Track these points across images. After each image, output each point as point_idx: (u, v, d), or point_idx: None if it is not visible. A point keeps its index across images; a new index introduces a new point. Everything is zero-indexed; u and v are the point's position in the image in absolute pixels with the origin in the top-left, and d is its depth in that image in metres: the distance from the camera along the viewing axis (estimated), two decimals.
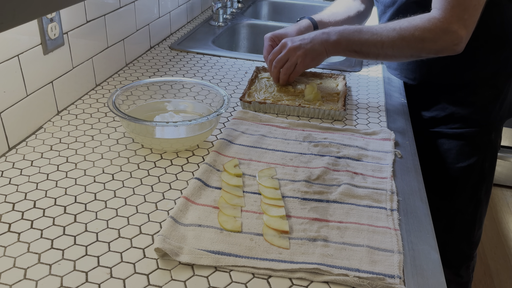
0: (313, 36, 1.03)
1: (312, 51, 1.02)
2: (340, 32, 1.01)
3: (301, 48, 1.03)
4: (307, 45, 1.03)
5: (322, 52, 1.03)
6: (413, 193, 0.80)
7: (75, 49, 1.01)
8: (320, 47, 1.02)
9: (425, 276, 0.62)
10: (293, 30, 1.22)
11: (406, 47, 0.97)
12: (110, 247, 0.63)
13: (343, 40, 1.00)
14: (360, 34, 0.99)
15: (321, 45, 1.02)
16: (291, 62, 1.04)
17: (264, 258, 0.62)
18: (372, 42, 0.98)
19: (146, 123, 0.82)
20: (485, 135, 1.17)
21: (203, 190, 0.75)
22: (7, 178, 0.76)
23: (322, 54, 1.03)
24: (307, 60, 1.04)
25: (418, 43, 0.96)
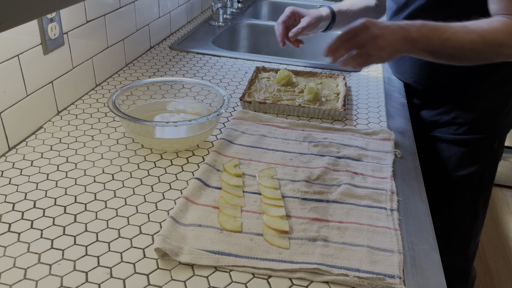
0: (393, 28, 0.88)
1: (390, 46, 0.87)
2: (419, 28, 0.88)
3: (383, 38, 0.86)
4: (388, 37, 0.87)
5: (397, 50, 0.89)
6: (413, 193, 0.79)
7: (75, 49, 1.01)
8: (397, 44, 0.88)
9: (425, 276, 0.62)
10: (314, 15, 1.19)
11: (485, 51, 0.89)
12: (110, 247, 0.63)
13: (422, 38, 0.88)
14: (439, 32, 0.88)
15: (399, 42, 0.88)
16: (367, 50, 0.87)
17: (264, 258, 0.62)
18: (452, 42, 0.87)
19: (146, 123, 0.82)
20: (488, 144, 1.13)
21: (203, 190, 0.75)
22: (7, 178, 0.76)
23: (396, 52, 0.89)
24: (384, 54, 0.88)
25: (498, 47, 0.89)
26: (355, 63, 0.89)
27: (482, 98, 1.10)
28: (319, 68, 1.31)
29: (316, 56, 1.70)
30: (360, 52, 0.88)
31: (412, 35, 0.87)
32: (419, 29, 0.88)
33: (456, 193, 1.17)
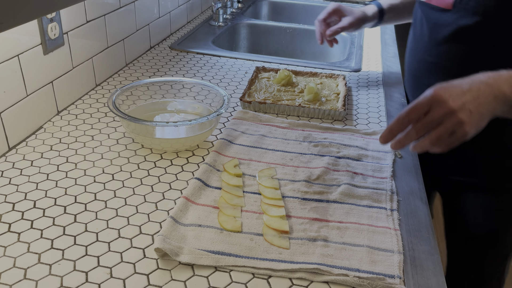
0: (476, 88, 0.67)
1: (479, 114, 0.66)
2: (509, 80, 0.68)
3: (465, 109, 0.65)
4: (472, 105, 0.66)
5: (487, 116, 0.68)
6: (413, 193, 0.79)
7: (75, 49, 1.01)
8: (487, 109, 0.67)
9: (425, 276, 0.62)
10: (357, 16, 1.14)
11: None
12: (110, 247, 0.63)
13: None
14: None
15: (489, 105, 0.67)
16: (446, 129, 0.66)
17: (264, 258, 0.62)
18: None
19: (146, 123, 0.82)
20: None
21: (203, 190, 0.75)
22: (7, 178, 0.76)
23: (486, 119, 0.68)
24: (471, 128, 0.66)
25: None
26: (436, 148, 0.68)
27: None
28: (319, 68, 1.31)
29: (316, 56, 1.71)
30: (437, 133, 0.66)
31: (504, 91, 0.67)
32: (509, 82, 0.68)
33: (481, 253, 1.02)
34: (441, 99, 0.66)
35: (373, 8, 1.17)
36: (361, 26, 1.16)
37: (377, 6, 1.17)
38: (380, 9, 1.17)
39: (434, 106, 0.66)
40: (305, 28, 1.71)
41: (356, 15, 1.14)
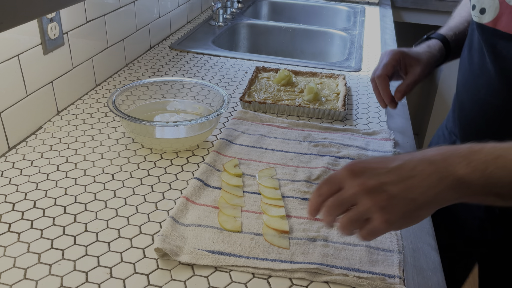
0: (413, 165, 0.51)
1: (406, 200, 0.50)
2: (466, 158, 0.49)
3: (382, 191, 0.50)
4: (396, 187, 0.50)
5: (428, 202, 0.50)
6: None
7: (75, 49, 1.01)
8: (428, 192, 0.49)
9: (425, 276, 0.62)
10: (425, 61, 0.85)
11: None
12: (110, 247, 0.63)
13: (476, 174, 0.48)
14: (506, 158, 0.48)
15: (430, 188, 0.49)
16: (358, 213, 0.51)
17: (264, 258, 0.62)
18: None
19: (146, 123, 0.82)
20: None
21: (203, 190, 0.75)
22: (7, 178, 0.76)
23: (427, 206, 0.50)
24: (391, 217, 0.50)
25: None
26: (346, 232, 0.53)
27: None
28: (319, 68, 1.31)
29: (316, 56, 1.71)
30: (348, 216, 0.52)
31: (455, 171, 0.49)
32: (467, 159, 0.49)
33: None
34: (354, 175, 0.52)
35: (435, 42, 0.89)
36: (432, 72, 0.87)
37: (440, 40, 0.89)
38: (444, 41, 0.89)
39: (347, 183, 0.52)
40: (305, 28, 1.71)
41: (424, 60, 0.84)
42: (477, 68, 0.79)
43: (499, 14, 0.73)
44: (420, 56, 0.84)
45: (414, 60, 0.83)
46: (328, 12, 2.02)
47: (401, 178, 0.50)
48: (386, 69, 0.82)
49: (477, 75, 0.79)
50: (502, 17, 0.72)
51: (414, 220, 0.51)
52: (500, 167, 0.48)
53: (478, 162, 0.48)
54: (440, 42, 0.88)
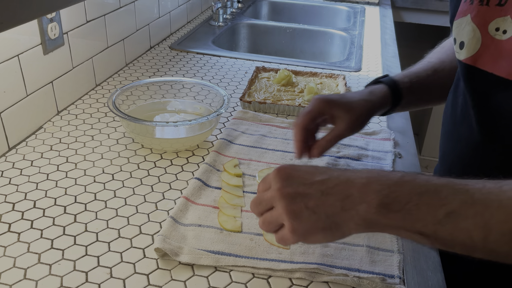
0: (330, 184, 0.49)
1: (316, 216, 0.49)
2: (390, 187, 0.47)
3: (295, 202, 0.49)
4: (311, 200, 0.49)
5: (339, 227, 0.49)
6: None
7: (75, 49, 1.01)
8: (340, 215, 0.48)
9: (425, 276, 0.62)
10: (358, 112, 0.70)
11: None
12: (110, 247, 0.63)
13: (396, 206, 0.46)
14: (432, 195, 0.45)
15: (344, 212, 0.48)
16: (272, 217, 0.52)
17: (264, 258, 0.62)
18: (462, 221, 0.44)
19: (146, 123, 0.82)
20: None
21: (203, 190, 0.75)
22: (7, 178, 0.76)
23: (335, 231, 0.49)
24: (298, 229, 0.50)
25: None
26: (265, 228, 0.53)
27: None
28: (319, 68, 1.31)
29: (316, 56, 1.71)
30: (264, 217, 0.53)
31: (370, 199, 0.46)
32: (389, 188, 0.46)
33: None
34: (279, 179, 0.51)
35: (382, 90, 0.75)
36: (367, 123, 0.73)
37: (389, 86, 0.75)
38: (394, 88, 0.75)
39: (272, 184, 0.51)
40: (305, 28, 1.71)
41: (356, 111, 0.69)
42: (460, 115, 0.69)
43: (480, 50, 0.62)
44: (352, 106, 0.69)
45: (342, 111, 0.68)
46: (328, 12, 2.02)
47: (319, 193, 0.49)
48: (304, 120, 0.68)
49: (459, 123, 0.69)
50: (484, 52, 0.61)
51: (328, 237, 0.50)
52: (425, 204, 0.45)
53: (401, 193, 0.46)
54: (387, 88, 0.74)
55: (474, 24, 0.62)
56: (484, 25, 0.61)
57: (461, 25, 0.65)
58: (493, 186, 0.44)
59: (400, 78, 0.76)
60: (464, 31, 0.64)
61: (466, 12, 0.64)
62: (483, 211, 0.43)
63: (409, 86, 0.75)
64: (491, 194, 0.44)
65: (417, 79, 0.77)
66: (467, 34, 0.63)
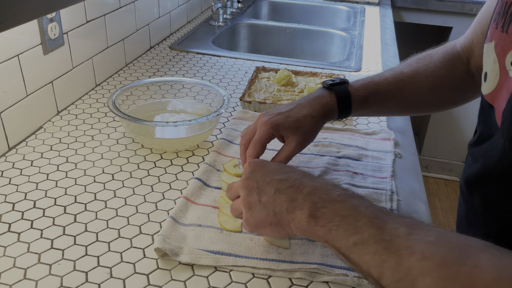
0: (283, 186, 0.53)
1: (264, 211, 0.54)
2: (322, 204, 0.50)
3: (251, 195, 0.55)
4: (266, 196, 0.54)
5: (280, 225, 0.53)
6: (413, 193, 0.79)
7: (75, 49, 1.01)
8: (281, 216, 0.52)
9: None
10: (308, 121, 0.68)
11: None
12: (110, 247, 0.63)
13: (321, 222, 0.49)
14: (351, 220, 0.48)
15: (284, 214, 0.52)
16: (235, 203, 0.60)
17: (264, 258, 0.62)
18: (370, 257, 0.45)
19: (146, 123, 0.82)
20: None
21: (203, 190, 0.75)
22: (7, 178, 0.76)
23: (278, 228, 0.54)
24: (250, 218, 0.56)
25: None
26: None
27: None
28: (319, 68, 1.31)
29: (316, 56, 1.71)
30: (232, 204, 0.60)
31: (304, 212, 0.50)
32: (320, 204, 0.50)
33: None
34: (249, 170, 0.57)
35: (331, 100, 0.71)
36: (315, 136, 0.71)
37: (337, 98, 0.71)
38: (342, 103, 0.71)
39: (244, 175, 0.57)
40: (305, 28, 1.71)
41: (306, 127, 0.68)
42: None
43: (497, 86, 0.55)
44: (299, 125, 0.67)
45: (290, 131, 0.67)
46: (328, 12, 2.02)
47: (273, 190, 0.53)
48: (256, 149, 0.66)
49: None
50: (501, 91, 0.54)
51: (276, 232, 0.54)
52: (343, 227, 0.47)
53: (328, 211, 0.49)
54: (336, 100, 0.71)
55: (495, 54, 0.55)
56: (502, 56, 0.54)
57: (488, 52, 0.57)
58: (404, 231, 0.44)
59: (355, 89, 0.72)
60: (489, 61, 0.57)
61: (492, 37, 0.56)
62: (382, 253, 0.43)
63: (363, 100, 0.72)
64: (397, 238, 0.44)
65: (376, 92, 0.73)
66: (489, 64, 0.57)
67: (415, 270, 0.41)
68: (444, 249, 0.41)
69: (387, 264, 0.43)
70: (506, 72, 0.53)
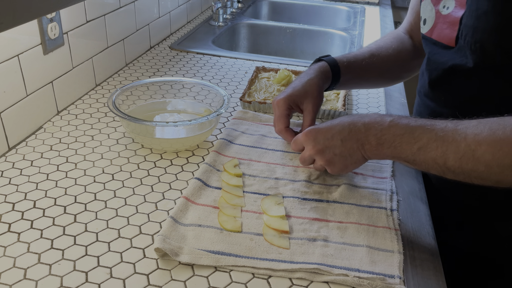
0: (345, 133, 0.70)
1: (343, 157, 0.71)
2: (382, 131, 0.67)
3: (326, 153, 0.72)
4: (336, 149, 0.71)
5: (359, 158, 0.71)
6: (413, 193, 0.79)
7: (75, 49, 1.01)
8: (357, 153, 0.70)
9: (425, 276, 0.62)
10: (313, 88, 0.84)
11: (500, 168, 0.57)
12: (110, 247, 0.63)
13: (386, 145, 0.66)
14: (409, 135, 0.64)
15: (358, 150, 0.70)
16: (318, 165, 0.76)
17: (264, 258, 0.62)
18: (429, 153, 0.62)
19: (146, 123, 0.82)
20: None
21: (203, 190, 0.75)
22: (7, 178, 0.76)
23: (359, 160, 0.72)
24: (336, 168, 0.74)
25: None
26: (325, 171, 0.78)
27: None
28: None
29: (316, 56, 1.70)
30: (315, 166, 0.77)
31: (370, 141, 0.68)
32: (381, 132, 0.66)
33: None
34: (308, 140, 0.74)
35: (325, 67, 0.88)
36: (323, 97, 0.87)
37: (329, 64, 0.88)
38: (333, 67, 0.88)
39: (305, 145, 0.75)
40: (305, 28, 1.71)
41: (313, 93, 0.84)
42: (420, 71, 0.89)
43: (434, 24, 0.80)
44: (308, 91, 0.84)
45: (302, 97, 0.83)
46: (328, 12, 2.02)
47: (338, 142, 0.71)
48: (281, 122, 0.84)
49: (420, 77, 0.90)
50: (436, 26, 0.79)
51: (350, 168, 0.74)
52: (404, 142, 0.64)
53: (388, 136, 0.66)
54: (328, 66, 0.88)
55: (432, 4, 0.80)
56: (437, 4, 0.79)
57: (425, 5, 0.83)
58: (451, 126, 0.61)
59: (339, 58, 0.90)
60: (427, 10, 0.82)
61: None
62: (442, 145, 0.61)
63: (347, 65, 0.89)
64: (449, 131, 0.61)
65: (355, 60, 0.91)
66: (428, 12, 0.81)
67: (472, 144, 0.58)
68: (487, 125, 0.58)
69: (449, 150, 0.60)
70: (440, 13, 0.78)
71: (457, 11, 0.73)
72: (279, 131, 0.85)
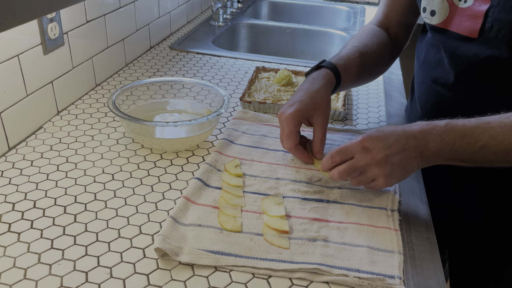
0: (403, 142, 0.67)
1: (401, 167, 0.68)
2: (440, 136, 0.66)
3: (387, 162, 0.68)
4: (395, 158, 0.67)
5: (414, 167, 0.69)
6: (413, 193, 0.79)
7: (75, 49, 1.01)
8: (413, 162, 0.68)
9: (425, 276, 0.62)
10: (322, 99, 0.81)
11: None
12: (110, 247, 0.63)
13: (447, 149, 0.66)
14: (470, 136, 0.65)
15: (415, 159, 0.68)
16: (366, 177, 0.70)
17: (264, 258, 0.62)
18: (491, 149, 0.65)
19: (146, 123, 0.82)
20: None
21: (203, 190, 0.75)
22: (7, 178, 0.76)
23: (412, 170, 0.69)
24: (393, 180, 0.70)
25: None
26: (365, 186, 0.72)
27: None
28: None
29: (316, 56, 1.71)
30: (358, 180, 0.72)
31: (430, 146, 0.67)
32: (441, 137, 0.66)
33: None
34: (366, 149, 0.69)
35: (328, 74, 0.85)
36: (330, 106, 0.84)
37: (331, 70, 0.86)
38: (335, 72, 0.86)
39: (359, 154, 0.69)
40: (305, 28, 1.71)
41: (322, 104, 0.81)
42: (434, 62, 0.87)
43: (449, 16, 0.81)
44: (317, 103, 0.80)
45: (312, 111, 0.80)
46: (328, 12, 2.02)
47: (398, 150, 0.67)
48: (291, 140, 0.80)
49: (434, 68, 0.87)
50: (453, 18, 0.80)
51: (402, 179, 0.71)
52: (465, 143, 0.65)
53: (449, 139, 0.66)
54: (331, 72, 0.85)
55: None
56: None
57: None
58: (506, 120, 0.64)
59: (336, 61, 0.87)
60: (435, 2, 0.82)
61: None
62: (503, 140, 0.64)
63: (345, 68, 0.87)
64: (506, 126, 0.64)
65: (349, 61, 0.89)
66: (437, 4, 0.82)
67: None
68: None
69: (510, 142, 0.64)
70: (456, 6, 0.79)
71: (479, 5, 0.75)
72: (289, 149, 0.82)
